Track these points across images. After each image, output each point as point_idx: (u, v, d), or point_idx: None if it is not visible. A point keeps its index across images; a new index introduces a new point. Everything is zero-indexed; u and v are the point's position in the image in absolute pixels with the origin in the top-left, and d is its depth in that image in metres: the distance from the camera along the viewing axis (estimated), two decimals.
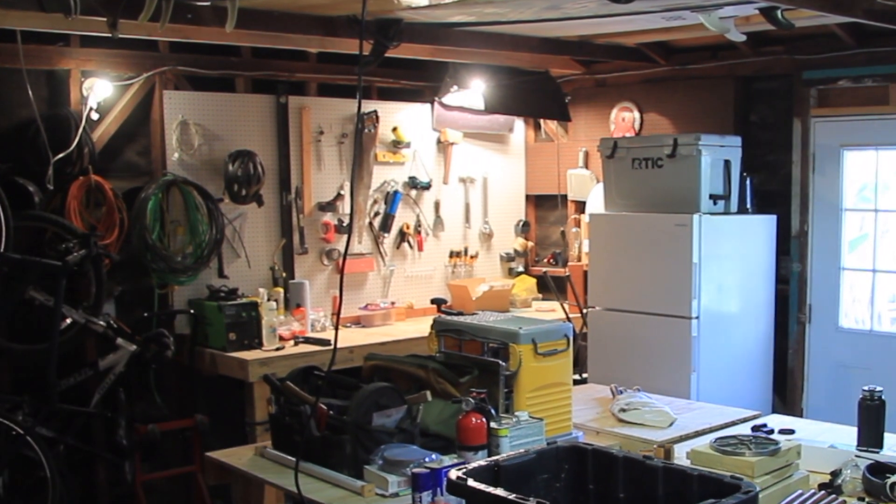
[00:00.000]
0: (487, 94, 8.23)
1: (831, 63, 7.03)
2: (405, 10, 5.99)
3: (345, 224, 7.78)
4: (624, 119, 8.32)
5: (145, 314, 6.81)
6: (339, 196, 7.79)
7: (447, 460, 3.80)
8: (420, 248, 8.42)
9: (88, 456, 6.69)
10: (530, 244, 9.19)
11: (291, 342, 6.90)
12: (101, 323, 6.33)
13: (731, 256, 6.97)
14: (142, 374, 6.62)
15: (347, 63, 7.63)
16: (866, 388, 4.15)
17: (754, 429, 4.48)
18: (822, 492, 3.52)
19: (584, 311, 7.67)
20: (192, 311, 6.92)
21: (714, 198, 6.92)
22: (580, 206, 8.63)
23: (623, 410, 4.86)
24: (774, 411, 6.79)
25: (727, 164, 7.00)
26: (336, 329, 3.82)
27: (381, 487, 3.78)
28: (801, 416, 6.96)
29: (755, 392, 7.13)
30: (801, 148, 7.24)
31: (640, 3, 5.54)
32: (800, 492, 3.53)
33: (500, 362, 4.20)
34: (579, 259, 8.51)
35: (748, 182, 7.21)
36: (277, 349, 6.70)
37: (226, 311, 6.67)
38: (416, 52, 7.16)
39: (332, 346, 3.79)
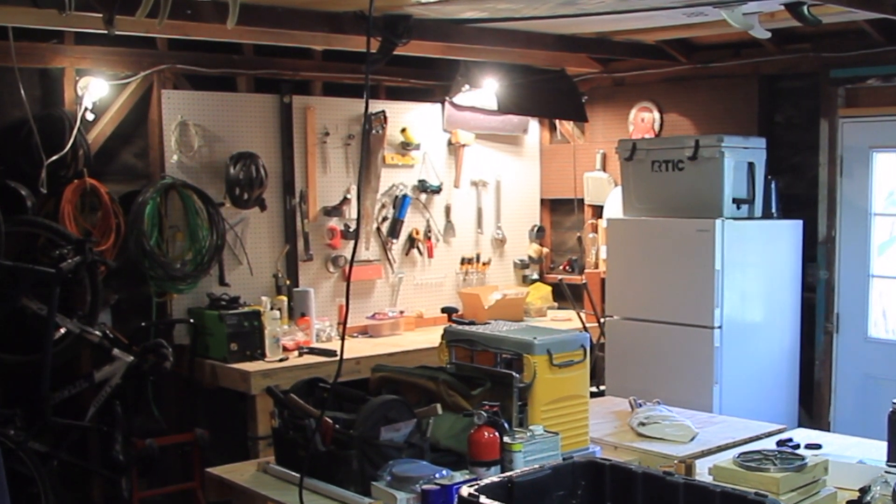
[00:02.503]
0: (500, 93, 8.24)
1: (860, 61, 7.03)
2: (415, 6, 5.99)
3: (351, 229, 7.78)
4: (643, 119, 8.32)
5: (143, 324, 6.82)
6: (345, 200, 7.80)
7: (458, 476, 3.80)
8: (430, 255, 8.42)
9: (83, 472, 6.70)
10: (545, 250, 9.19)
11: (296, 353, 6.91)
12: (97, 333, 6.35)
13: (755, 263, 6.96)
14: (139, 386, 6.63)
15: (354, 61, 7.66)
16: None
17: (779, 443, 4.48)
18: None
19: (602, 320, 7.67)
20: (191, 321, 6.93)
21: (737, 202, 6.91)
22: (597, 211, 8.63)
23: (642, 424, 4.86)
24: (800, 425, 6.78)
25: (751, 166, 7.00)
26: (342, 339, 3.83)
27: None
28: (828, 430, 6.94)
29: (780, 405, 7.12)
30: (829, 150, 7.23)
31: None
32: None
33: (514, 374, 4.19)
34: (596, 266, 8.51)
35: (773, 185, 7.20)
36: (281, 360, 6.70)
37: (227, 321, 6.68)
38: (426, 50, 7.16)
39: (338, 357, 3.80)
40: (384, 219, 8.11)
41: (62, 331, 6.25)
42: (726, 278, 6.72)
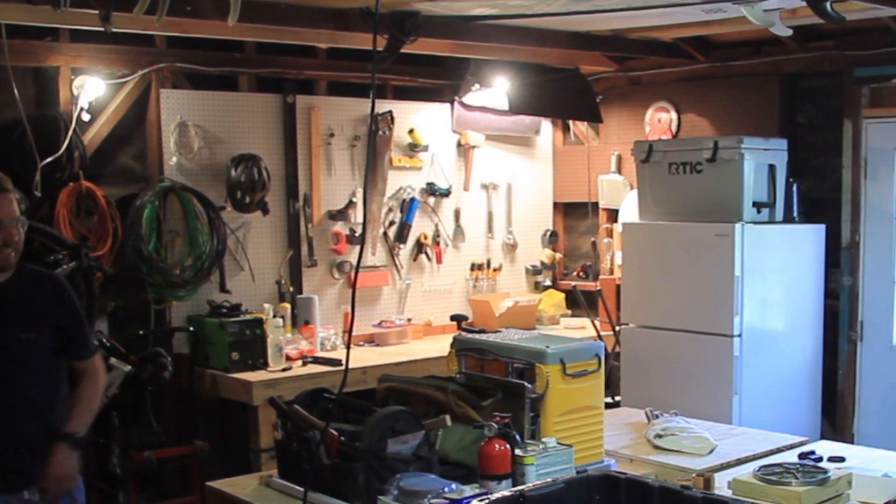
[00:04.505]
0: (512, 93, 8.24)
1: (885, 59, 7.02)
2: (423, 2, 6.00)
3: (357, 234, 7.78)
4: (660, 120, 8.32)
5: (141, 332, 6.82)
6: (350, 204, 7.80)
7: (468, 490, 3.79)
8: (439, 261, 8.42)
9: None
10: (558, 256, 9.19)
11: (299, 362, 6.91)
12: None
13: (776, 269, 6.95)
14: (137, 396, 6.63)
15: (360, 59, 7.66)
16: None
17: (801, 456, 4.47)
18: None
19: (617, 328, 7.66)
20: (191, 329, 6.94)
21: (758, 205, 6.91)
22: (612, 215, 8.63)
23: (659, 436, 4.86)
24: (823, 437, 6.77)
25: (772, 168, 6.99)
26: (348, 348, 3.82)
27: None
28: (852, 442, 6.93)
29: (802, 416, 7.11)
30: (853, 151, 7.23)
31: None
32: None
33: (526, 384, 4.19)
34: (611, 272, 8.50)
35: (795, 188, 7.20)
36: (284, 370, 6.71)
37: (228, 329, 6.68)
38: (435, 48, 7.17)
39: (343, 367, 3.80)
40: (391, 223, 8.11)
41: None
42: (746, 285, 6.72)
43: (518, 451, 3.91)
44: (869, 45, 7.06)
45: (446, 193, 8.39)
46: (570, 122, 9.09)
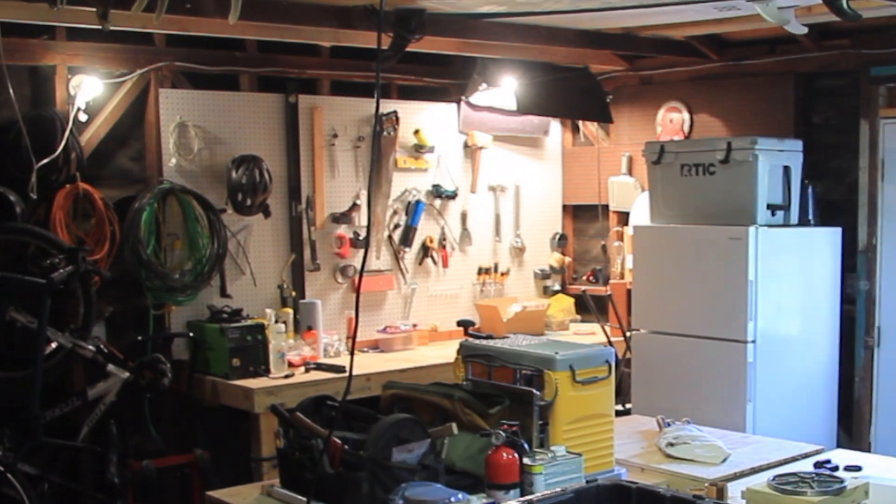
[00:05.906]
0: (520, 92, 8.24)
1: None
2: (428, 0, 6.00)
3: (361, 237, 7.78)
4: (672, 120, 8.31)
5: (139, 338, 6.82)
6: (354, 206, 7.81)
7: (475, 500, 3.80)
8: (445, 265, 8.42)
9: (76, 495, 6.70)
10: (567, 260, 9.19)
11: (302, 369, 6.91)
12: (90, 347, 6.34)
13: (791, 273, 6.94)
14: (135, 404, 6.64)
15: (364, 58, 7.66)
16: None
17: (817, 465, 4.46)
18: None
19: (628, 334, 7.66)
20: (191, 335, 6.94)
21: (772, 208, 6.90)
22: (623, 218, 8.63)
23: (671, 445, 4.85)
24: (839, 446, 6.75)
25: (787, 170, 6.98)
26: (351, 354, 3.84)
27: None
28: (868, 450, 6.92)
29: (818, 424, 7.10)
30: (870, 152, 7.21)
31: None
32: None
33: (534, 391, 4.19)
34: (622, 276, 8.49)
35: (810, 190, 7.19)
36: (286, 377, 6.70)
37: (229, 335, 6.68)
38: (441, 47, 7.17)
39: (346, 374, 3.79)
40: (396, 226, 8.11)
41: (53, 345, 6.25)
42: (760, 289, 6.71)
43: (526, 460, 3.91)
44: (886, 44, 7.05)
45: (453, 196, 8.39)
46: (580, 123, 9.08)
